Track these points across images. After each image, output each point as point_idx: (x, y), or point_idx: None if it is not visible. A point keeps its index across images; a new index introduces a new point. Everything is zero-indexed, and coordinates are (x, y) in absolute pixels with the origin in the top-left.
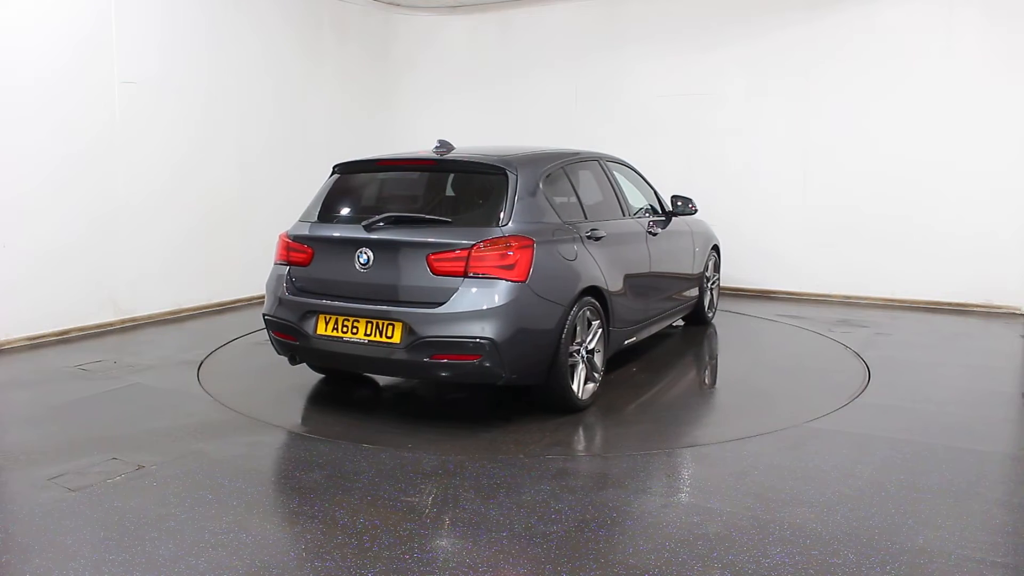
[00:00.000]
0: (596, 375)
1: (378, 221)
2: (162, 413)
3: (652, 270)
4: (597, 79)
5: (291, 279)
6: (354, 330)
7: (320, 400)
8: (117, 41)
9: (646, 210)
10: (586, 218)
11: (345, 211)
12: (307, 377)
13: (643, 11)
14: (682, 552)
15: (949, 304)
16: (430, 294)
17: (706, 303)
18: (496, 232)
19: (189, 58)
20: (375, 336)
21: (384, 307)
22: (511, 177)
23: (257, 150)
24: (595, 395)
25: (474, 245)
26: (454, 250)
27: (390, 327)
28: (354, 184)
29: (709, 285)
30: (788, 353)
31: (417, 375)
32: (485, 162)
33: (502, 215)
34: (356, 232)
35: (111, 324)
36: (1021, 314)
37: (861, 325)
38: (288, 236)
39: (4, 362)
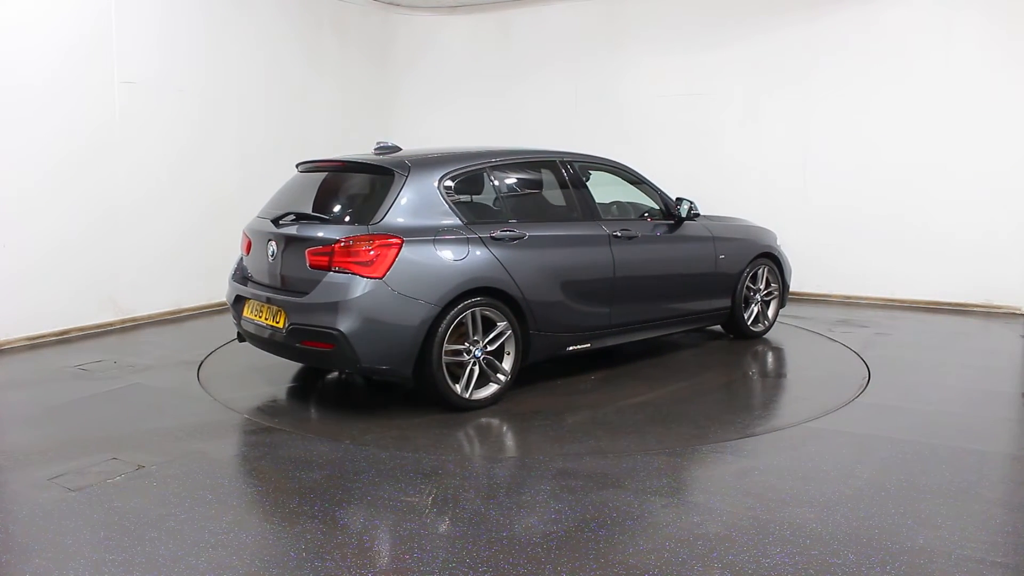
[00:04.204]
0: (500, 377)
1: (282, 217)
2: (162, 413)
3: (617, 277)
4: (597, 79)
5: (239, 267)
6: (259, 314)
7: (320, 400)
8: (117, 41)
9: (649, 213)
10: (510, 220)
11: (278, 207)
12: (307, 377)
13: (643, 11)
14: (682, 552)
15: (949, 304)
16: (303, 285)
17: (748, 315)
18: (362, 230)
19: (189, 58)
20: (270, 321)
21: (275, 295)
22: (397, 177)
23: (256, 149)
24: (496, 397)
25: (337, 241)
26: (322, 245)
27: (278, 313)
28: (297, 182)
29: (760, 296)
30: (788, 353)
31: (297, 359)
32: (375, 163)
33: (377, 213)
34: (270, 227)
35: (111, 324)
36: (1021, 314)
37: (861, 325)
38: (244, 228)
39: (4, 362)
